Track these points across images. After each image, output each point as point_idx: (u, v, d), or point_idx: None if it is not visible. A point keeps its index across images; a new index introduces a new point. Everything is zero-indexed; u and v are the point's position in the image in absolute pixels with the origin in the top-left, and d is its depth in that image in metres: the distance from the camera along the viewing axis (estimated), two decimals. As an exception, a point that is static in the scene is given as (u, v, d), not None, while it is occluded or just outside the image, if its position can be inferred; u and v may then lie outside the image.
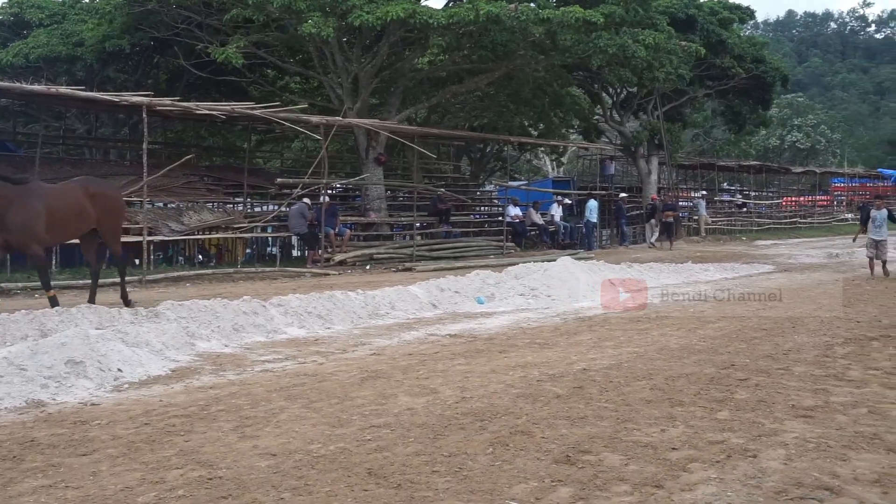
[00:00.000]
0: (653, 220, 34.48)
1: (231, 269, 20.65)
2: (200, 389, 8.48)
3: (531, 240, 31.34)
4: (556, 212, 32.51)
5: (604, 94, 38.90)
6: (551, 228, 31.53)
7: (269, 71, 29.25)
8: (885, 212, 20.54)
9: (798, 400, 7.79)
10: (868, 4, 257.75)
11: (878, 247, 20.39)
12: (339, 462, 5.98)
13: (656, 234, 34.13)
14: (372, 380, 8.80)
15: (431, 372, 9.20)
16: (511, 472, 5.78)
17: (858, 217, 21.55)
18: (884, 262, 20.48)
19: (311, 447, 6.34)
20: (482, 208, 36.34)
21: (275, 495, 5.36)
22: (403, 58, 27.05)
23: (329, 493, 5.37)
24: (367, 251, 23.86)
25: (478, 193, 37.13)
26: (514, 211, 30.39)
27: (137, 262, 19.47)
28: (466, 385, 8.46)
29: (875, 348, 10.66)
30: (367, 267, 22.66)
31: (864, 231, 21.07)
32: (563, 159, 50.63)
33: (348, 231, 24.44)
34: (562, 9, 23.37)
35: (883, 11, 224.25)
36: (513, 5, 22.51)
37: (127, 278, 14.46)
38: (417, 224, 27.57)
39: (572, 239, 31.76)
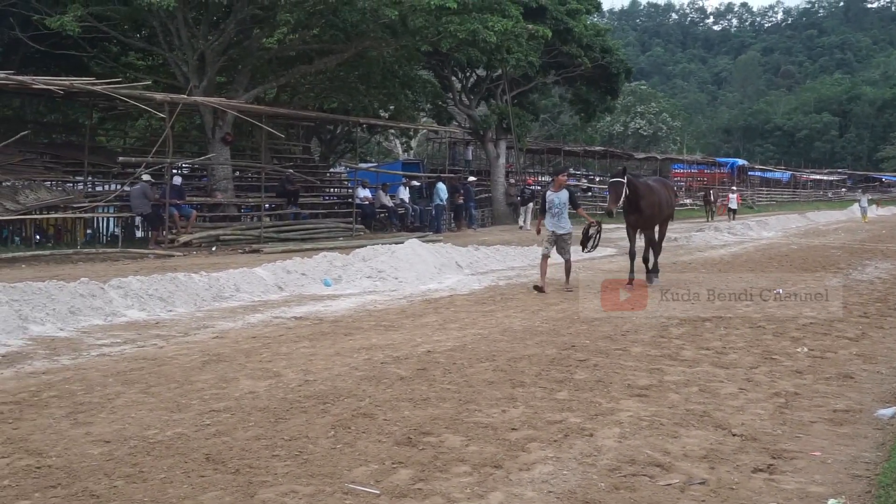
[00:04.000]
0: (531, 204, 34.96)
1: (70, 251, 19.86)
2: (32, 375, 8.16)
3: (380, 222, 31.28)
4: (405, 194, 32.56)
5: (453, 78, 39.13)
6: (400, 211, 31.55)
7: (111, 46, 28.15)
8: (565, 194, 15.22)
9: (634, 379, 8.03)
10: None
11: (558, 242, 15.31)
12: (176, 448, 5.85)
13: (529, 219, 34.66)
14: (213, 363, 8.64)
15: (275, 355, 9.09)
16: (352, 455, 5.77)
17: (539, 204, 16.70)
18: (567, 262, 15.61)
19: (148, 433, 6.18)
20: (332, 190, 36.07)
21: (107, 483, 5.19)
22: (252, 35, 26.51)
23: (164, 480, 5.25)
24: (212, 232, 23.33)
25: (327, 175, 36.82)
26: (363, 193, 30.27)
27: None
28: (310, 368, 8.40)
29: (707, 329, 11.11)
30: (213, 248, 22.17)
31: (543, 221, 15.63)
32: (413, 142, 50.74)
33: (194, 212, 23.84)
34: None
35: (721, 4, 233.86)
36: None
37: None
38: (266, 205, 27.16)
39: (422, 221, 31.87)
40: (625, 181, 14.96)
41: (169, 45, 25.11)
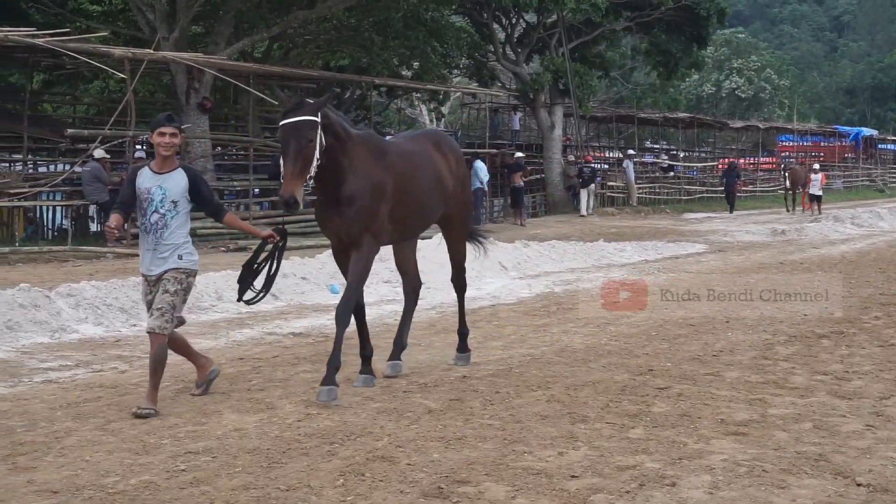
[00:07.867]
0: (592, 187, 34.95)
1: (6, 249, 20.04)
2: (-42, 407, 8.24)
3: (403, 211, 31.27)
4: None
5: (496, 26, 38.94)
6: (427, 197, 31.51)
7: (56, -13, 28.40)
8: (179, 178, 8.49)
9: (729, 413, 7.98)
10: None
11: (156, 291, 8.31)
12: (143, 500, 5.89)
13: (592, 205, 34.65)
14: (187, 392, 8.70)
15: (268, 382, 9.15)
16: (366, 509, 5.78)
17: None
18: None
19: (106, 481, 6.22)
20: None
21: (55, 546, 5.25)
22: (237, -28, 26.62)
23: (127, 542, 5.29)
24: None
25: (334, 151, 36.78)
26: (380, 174, 30.27)
27: None
28: (312, 399, 8.42)
29: (824, 348, 11.01)
30: (189, 245, 22.23)
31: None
32: (444, 109, 50.68)
33: (162, 199, 23.90)
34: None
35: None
36: None
37: None
38: (254, 190, 27.22)
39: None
40: (318, 121, 8.32)
41: (131, -14, 25.24)
